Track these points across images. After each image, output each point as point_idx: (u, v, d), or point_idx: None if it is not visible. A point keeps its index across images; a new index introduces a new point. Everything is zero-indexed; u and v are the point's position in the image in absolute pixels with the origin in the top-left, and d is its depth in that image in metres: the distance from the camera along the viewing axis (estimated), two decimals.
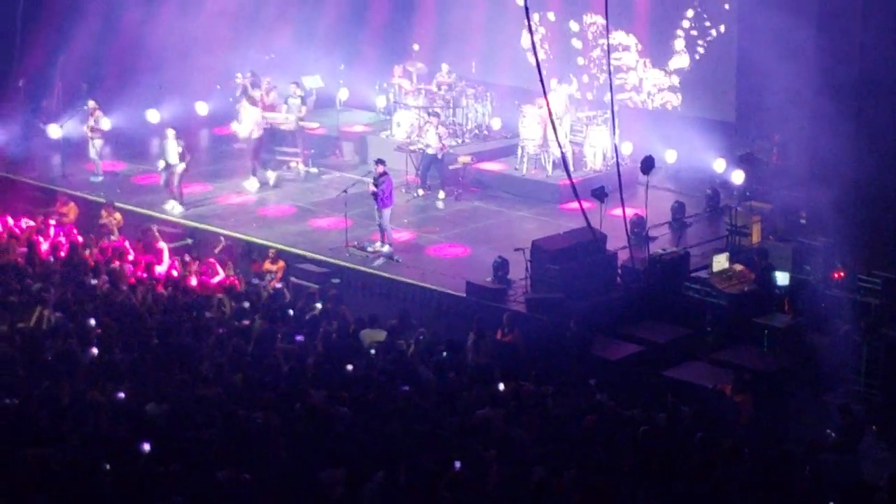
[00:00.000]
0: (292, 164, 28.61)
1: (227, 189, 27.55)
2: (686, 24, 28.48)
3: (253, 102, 28.12)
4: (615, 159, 24.24)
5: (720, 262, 22.25)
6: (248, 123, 27.66)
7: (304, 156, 28.72)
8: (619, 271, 22.50)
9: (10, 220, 25.03)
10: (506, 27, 30.34)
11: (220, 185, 27.78)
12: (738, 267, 22.31)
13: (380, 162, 24.19)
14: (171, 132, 26.52)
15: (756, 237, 24.00)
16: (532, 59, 22.43)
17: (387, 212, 23.86)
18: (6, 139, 29.50)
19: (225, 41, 31.44)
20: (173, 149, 26.27)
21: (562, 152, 23.96)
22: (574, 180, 22.50)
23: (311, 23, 32.19)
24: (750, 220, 24.11)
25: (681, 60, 28.72)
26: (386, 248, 23.73)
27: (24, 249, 22.89)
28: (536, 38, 25.83)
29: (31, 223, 24.91)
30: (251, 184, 27.48)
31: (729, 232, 24.15)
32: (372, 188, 23.77)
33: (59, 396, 15.77)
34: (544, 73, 20.81)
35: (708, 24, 28.27)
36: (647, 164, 24.21)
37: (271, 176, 27.73)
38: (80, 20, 30.31)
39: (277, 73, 30.76)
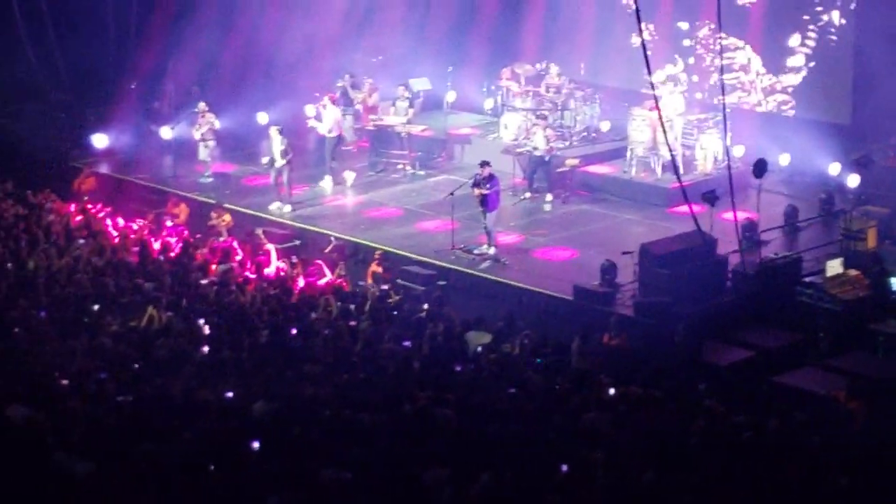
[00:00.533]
0: (399, 166, 28.65)
1: (334, 191, 27.63)
2: (801, 25, 28.04)
3: (336, 102, 28.09)
4: (727, 162, 24.02)
5: (834, 267, 21.86)
6: (328, 122, 27.68)
7: (411, 158, 28.75)
8: (730, 275, 22.21)
9: (122, 221, 25.36)
10: (615, 29, 30.12)
11: (326, 186, 27.87)
12: (853, 272, 21.90)
13: (485, 164, 24.12)
14: (274, 130, 26.71)
15: (871, 242, 23.52)
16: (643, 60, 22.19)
17: (493, 214, 23.79)
18: (119, 140, 29.88)
19: (334, 44, 31.58)
20: (277, 147, 26.47)
21: (672, 155, 23.77)
22: (684, 183, 22.32)
23: (420, 25, 32.22)
24: (865, 225, 23.65)
25: (795, 62, 28.29)
26: (492, 251, 23.65)
27: (137, 249, 23.14)
28: (646, 38, 25.46)
29: (143, 223, 25.21)
30: (332, 181, 27.67)
31: (843, 237, 23.69)
32: (479, 191, 23.68)
33: (170, 395, 15.91)
34: (653, 73, 20.62)
35: (824, 18, 27.77)
36: (760, 168, 23.91)
37: (328, 181, 27.79)
38: (191, 23, 30.63)
39: (385, 76, 30.86)
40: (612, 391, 17.16)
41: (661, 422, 15.94)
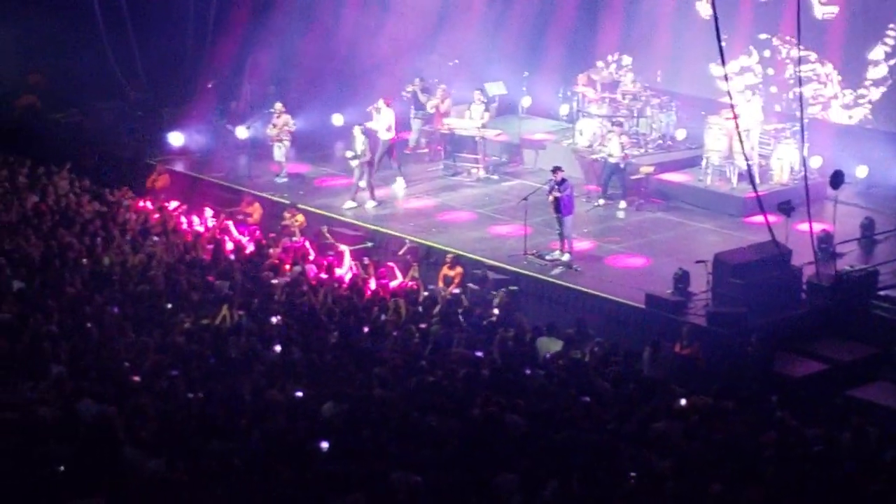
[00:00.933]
0: (472, 171, 28.63)
1: (407, 193, 27.66)
2: (882, 37, 27.70)
3: (391, 105, 28.02)
4: (803, 173, 23.79)
5: None
6: (382, 124, 27.64)
7: (485, 162, 28.73)
8: (805, 287, 22.00)
9: (197, 219, 25.54)
10: (692, 37, 29.93)
11: (400, 189, 27.90)
12: None
13: (557, 169, 24.04)
14: (357, 129, 26.83)
15: None
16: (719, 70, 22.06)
17: (569, 219, 23.70)
18: (195, 139, 30.09)
19: (411, 46, 31.64)
20: (359, 146, 26.59)
21: (748, 164, 23.56)
22: (760, 193, 22.11)
23: (496, 30, 32.18)
24: None
25: (876, 74, 27.94)
26: (566, 257, 23.56)
27: (210, 247, 23.29)
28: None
29: (217, 222, 25.36)
30: (399, 186, 27.66)
31: None
32: (554, 195, 23.61)
33: (240, 394, 15.98)
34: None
35: None
36: (837, 179, 23.65)
37: (400, 184, 27.77)
38: (269, 24, 30.80)
39: (461, 79, 30.88)
40: (682, 401, 17.06)
41: (732, 433, 15.82)
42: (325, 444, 14.24)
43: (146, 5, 31.13)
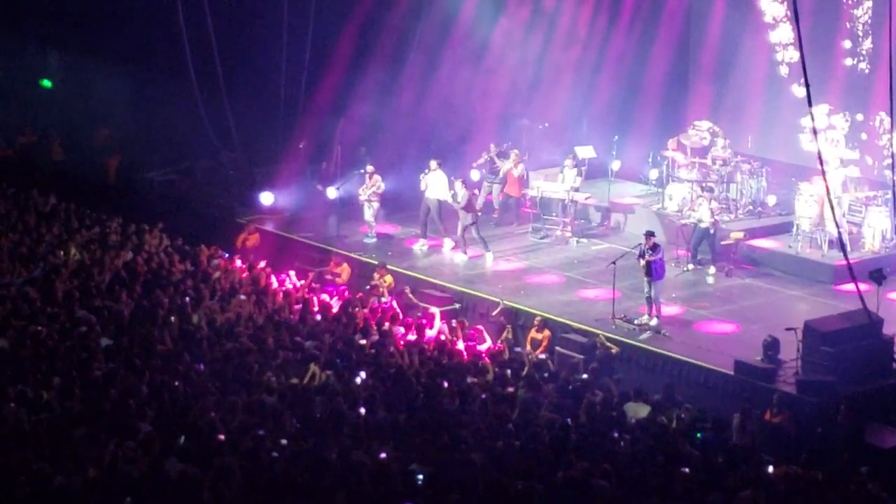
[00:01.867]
0: (558, 233, 28.62)
1: (494, 255, 27.65)
2: None
3: (438, 166, 28.10)
4: (895, 241, 23.52)
5: None
6: (434, 187, 27.77)
7: (573, 226, 28.70)
8: None
9: (287, 278, 25.70)
10: (784, 104, 29.79)
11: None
12: None
13: (650, 234, 24.01)
14: (458, 182, 27.38)
15: None
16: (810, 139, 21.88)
17: (660, 284, 23.65)
18: (285, 199, 30.33)
19: (502, 110, 31.80)
20: (460, 197, 27.04)
21: (839, 232, 23.36)
22: (851, 261, 21.89)
23: (587, 94, 32.22)
24: None
25: None
26: (654, 322, 23.44)
27: (299, 307, 23.40)
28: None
29: (305, 282, 25.50)
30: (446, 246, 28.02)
31: None
32: (646, 259, 23.55)
33: (325, 454, 15.98)
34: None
35: None
36: None
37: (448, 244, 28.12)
38: (360, 86, 31.04)
39: (551, 143, 30.92)
40: (770, 469, 16.87)
41: None
42: None
43: (240, 66, 31.52)
